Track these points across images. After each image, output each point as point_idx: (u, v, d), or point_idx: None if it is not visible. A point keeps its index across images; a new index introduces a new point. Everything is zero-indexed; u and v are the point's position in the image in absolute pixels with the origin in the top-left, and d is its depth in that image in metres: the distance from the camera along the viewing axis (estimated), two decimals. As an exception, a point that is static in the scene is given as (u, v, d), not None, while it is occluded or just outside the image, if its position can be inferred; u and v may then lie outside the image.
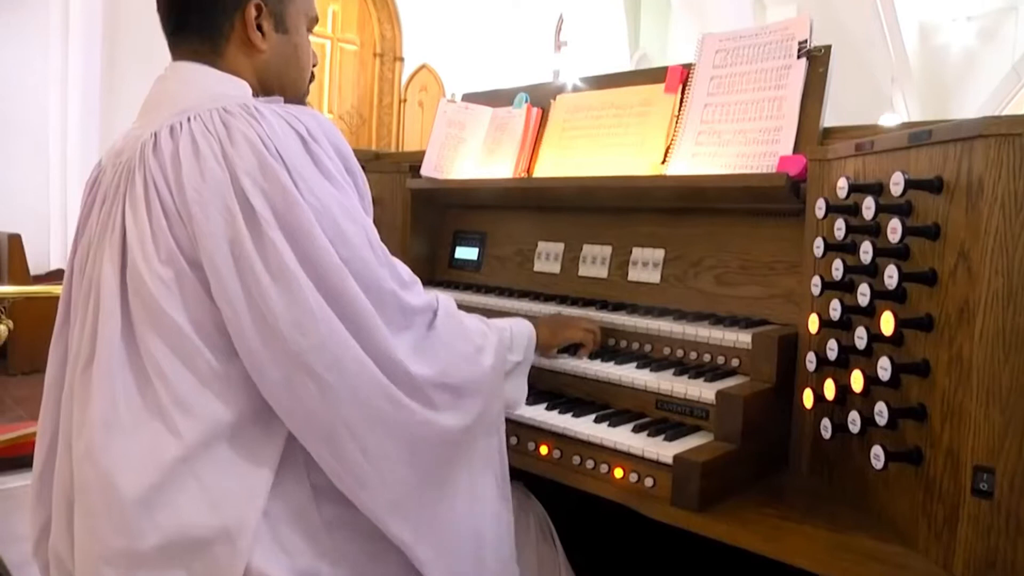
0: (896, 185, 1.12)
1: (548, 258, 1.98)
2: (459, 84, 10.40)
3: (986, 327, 1.01)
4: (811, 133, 1.52)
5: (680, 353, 1.58)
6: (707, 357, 1.54)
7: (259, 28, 1.20)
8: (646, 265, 1.78)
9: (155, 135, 1.08)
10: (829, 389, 1.27)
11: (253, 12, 1.18)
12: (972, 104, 8.69)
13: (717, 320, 1.56)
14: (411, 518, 1.12)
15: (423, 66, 10.63)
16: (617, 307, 1.73)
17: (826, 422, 1.26)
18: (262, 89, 1.24)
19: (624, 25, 9.31)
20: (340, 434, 1.05)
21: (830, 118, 1.55)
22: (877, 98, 8.12)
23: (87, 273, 1.11)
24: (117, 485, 1.00)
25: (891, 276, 1.12)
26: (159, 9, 1.19)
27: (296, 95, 1.31)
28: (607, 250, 1.86)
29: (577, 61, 10.19)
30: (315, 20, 1.31)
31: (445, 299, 1.23)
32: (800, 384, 1.39)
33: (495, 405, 1.27)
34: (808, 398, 1.33)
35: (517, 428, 1.50)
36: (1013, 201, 0.98)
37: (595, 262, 1.87)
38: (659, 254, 1.76)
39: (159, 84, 1.19)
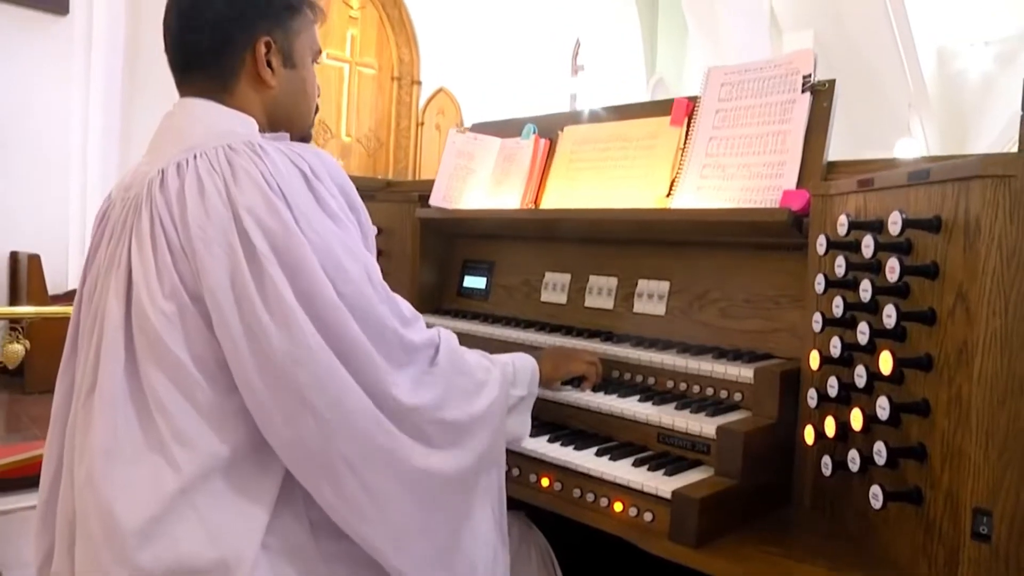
0: (894, 224, 1.12)
1: (555, 288, 1.99)
2: (476, 107, 10.49)
3: (984, 369, 1.00)
4: (815, 167, 1.53)
5: (683, 386, 1.58)
6: (710, 391, 1.54)
7: (268, 64, 1.22)
8: (651, 297, 1.78)
9: (162, 172, 1.10)
10: (830, 426, 1.27)
11: (263, 49, 1.21)
12: (991, 130, 8.65)
13: (721, 354, 1.56)
14: (411, 551, 1.13)
15: (441, 90, 10.74)
16: (621, 339, 1.73)
17: (827, 459, 1.25)
18: (270, 124, 1.26)
19: (641, 50, 9.37)
20: (339, 470, 1.06)
21: (847, 143, 1.56)
22: (894, 123, 8.11)
23: (94, 304, 1.13)
24: (117, 515, 1.01)
25: (889, 315, 1.12)
26: (167, 49, 1.22)
27: (304, 127, 1.34)
28: (613, 281, 1.86)
29: (594, 85, 10.27)
30: (319, 53, 1.34)
31: (447, 335, 1.24)
32: (802, 420, 1.38)
33: (497, 440, 1.28)
34: (810, 435, 1.33)
35: (519, 460, 1.51)
36: (1010, 243, 0.98)
37: (601, 293, 1.88)
38: (664, 286, 1.76)
39: (167, 120, 1.22)
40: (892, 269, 1.12)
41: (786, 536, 1.29)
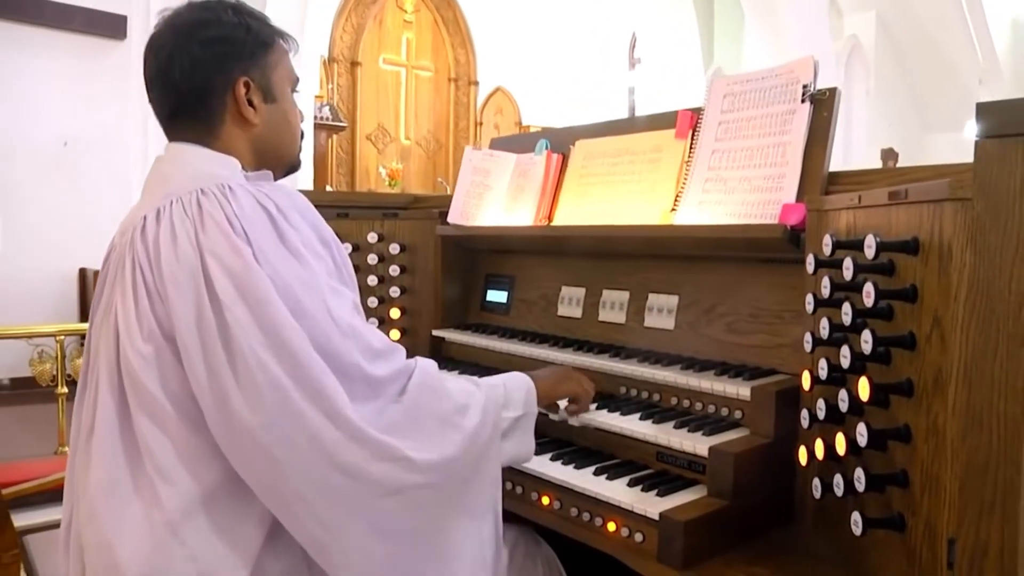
0: (869, 248, 1.10)
1: (570, 303, 2.00)
2: (534, 105, 10.51)
3: (957, 399, 0.98)
4: (815, 180, 1.50)
5: (687, 403, 1.58)
6: (712, 408, 1.53)
7: (250, 103, 1.27)
8: (661, 311, 1.78)
9: (144, 219, 1.17)
10: (819, 448, 1.25)
11: (242, 89, 1.26)
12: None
13: (724, 370, 1.55)
14: None
15: (498, 89, 10.80)
16: (630, 354, 1.74)
17: (817, 482, 1.24)
18: (258, 158, 1.31)
19: (697, 40, 9.21)
20: (295, 508, 1.09)
21: (913, 124, 1.51)
22: (963, 102, 7.73)
23: (93, 346, 1.21)
24: (115, 550, 1.08)
25: (867, 340, 1.10)
26: (151, 99, 1.28)
27: (291, 155, 1.39)
28: (625, 295, 1.87)
29: (651, 78, 10.14)
30: (297, 81, 1.38)
31: (425, 364, 1.25)
32: (799, 440, 1.37)
33: (483, 465, 1.28)
34: (803, 455, 1.31)
35: (522, 478, 1.53)
36: (971, 271, 0.95)
37: (614, 307, 1.89)
38: (673, 300, 1.76)
39: (156, 166, 1.28)
40: (868, 293, 1.10)
41: (777, 558, 1.28)
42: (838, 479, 1.16)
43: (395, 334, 2.27)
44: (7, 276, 5.22)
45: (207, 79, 1.25)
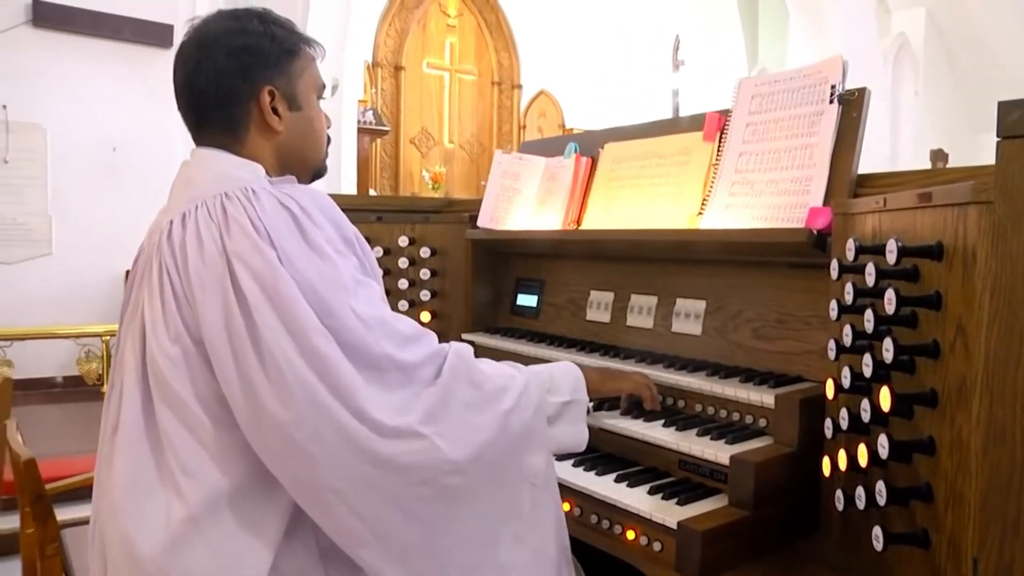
0: (891, 253, 1.06)
1: (599, 307, 1.99)
2: (578, 108, 10.47)
3: (980, 411, 0.94)
4: (842, 183, 1.46)
5: (711, 410, 1.56)
6: (736, 416, 1.51)
7: (275, 111, 1.29)
8: (688, 316, 1.75)
9: (171, 223, 1.19)
10: (842, 459, 1.22)
11: (267, 98, 1.28)
12: None
13: (748, 377, 1.52)
14: (419, 567, 1.15)
15: (541, 92, 10.77)
16: (657, 360, 1.72)
17: (840, 493, 1.21)
18: (282, 165, 1.32)
19: (742, 40, 9.08)
20: (330, 500, 1.11)
21: (962, 123, 1.46)
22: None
23: (120, 347, 1.24)
24: (135, 544, 1.11)
25: (888, 349, 1.07)
26: (179, 107, 1.31)
27: (316, 162, 1.40)
28: (653, 300, 1.85)
29: (695, 79, 10.02)
30: (323, 88, 1.39)
31: (459, 347, 1.24)
32: (824, 449, 1.33)
33: (524, 450, 1.26)
34: (827, 466, 1.28)
35: (543, 484, 1.52)
36: (994, 277, 0.91)
37: (642, 312, 1.87)
38: (700, 305, 1.73)
39: (182, 170, 1.30)
40: (889, 300, 1.06)
41: (798, 571, 1.26)
42: (860, 492, 1.13)
43: (425, 337, 2.28)
44: (59, 277, 5.38)
45: (232, 88, 1.27)
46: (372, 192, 8.53)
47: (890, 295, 1.06)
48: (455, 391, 1.19)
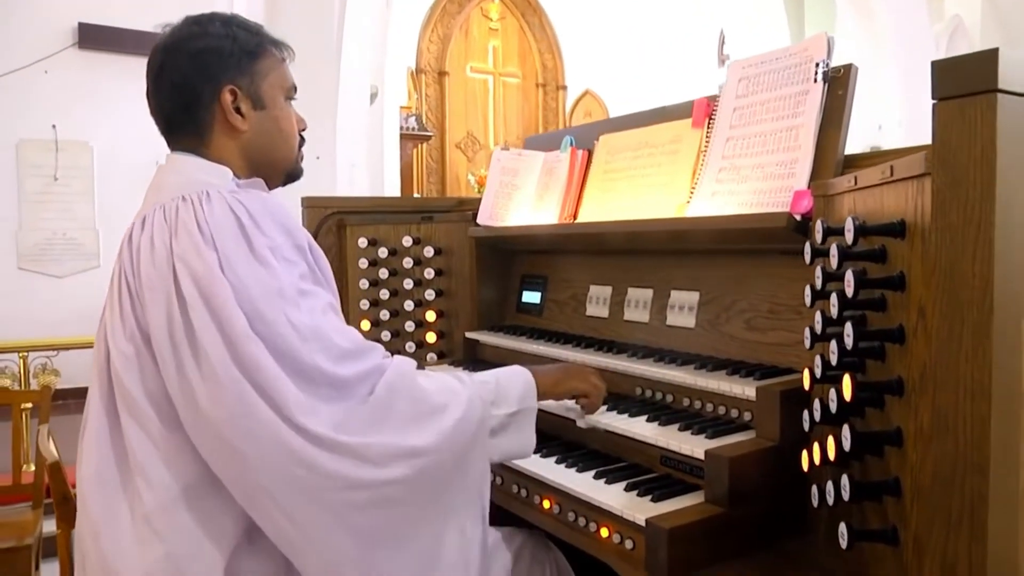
0: (849, 232, 1.00)
1: (598, 302, 1.94)
2: (623, 106, 10.37)
3: (927, 400, 0.88)
4: (828, 164, 1.39)
5: (698, 404, 1.50)
6: (722, 410, 1.45)
7: (238, 110, 1.30)
8: (682, 309, 1.70)
9: (133, 226, 1.21)
10: (816, 453, 1.15)
11: (229, 97, 1.29)
12: None
13: (736, 369, 1.46)
14: None
15: (586, 92, 10.71)
16: (648, 354, 1.67)
17: (815, 489, 1.14)
18: (251, 165, 1.34)
19: (787, 31, 8.84)
20: (263, 501, 1.10)
21: None
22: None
23: (94, 350, 1.26)
24: (101, 539, 1.13)
25: (848, 335, 1.00)
26: (150, 113, 1.33)
27: (287, 162, 1.40)
28: (648, 293, 1.80)
29: (742, 72, 9.81)
30: (292, 89, 1.39)
31: (400, 362, 1.23)
32: (805, 443, 1.27)
33: (464, 464, 1.25)
34: (805, 460, 1.22)
35: (525, 480, 1.50)
36: (931, 254, 0.84)
37: (638, 306, 1.82)
38: (694, 297, 1.68)
39: (155, 175, 1.32)
40: (848, 283, 1.00)
41: (775, 571, 1.19)
42: (829, 487, 1.07)
43: (431, 337, 2.28)
44: (106, 290, 5.55)
45: (194, 90, 1.29)
46: (416, 196, 8.60)
47: (849, 277, 1.00)
48: (392, 406, 1.17)
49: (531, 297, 2.20)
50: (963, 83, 0.74)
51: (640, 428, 1.43)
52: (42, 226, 5.26)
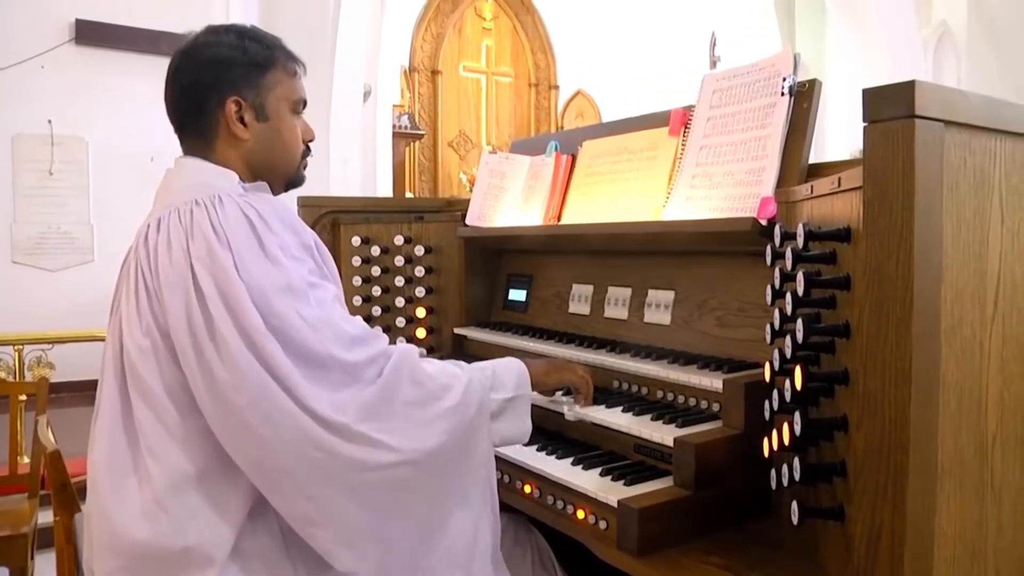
0: (800, 238, 1.10)
1: (580, 300, 2.04)
2: (615, 107, 10.47)
3: (860, 384, 0.98)
4: (793, 172, 1.49)
5: (671, 397, 1.60)
6: (692, 401, 1.55)
7: (242, 120, 1.39)
8: (659, 307, 1.80)
9: (147, 227, 1.30)
10: (775, 439, 1.25)
11: (233, 107, 1.37)
12: None
13: (707, 363, 1.56)
14: (368, 552, 1.24)
15: (578, 92, 10.81)
16: (625, 349, 1.76)
17: (774, 472, 1.24)
18: (253, 173, 1.42)
19: (778, 33, 8.97)
20: (282, 481, 1.20)
21: None
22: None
23: (107, 340, 1.35)
24: (112, 521, 1.22)
25: (799, 330, 1.10)
26: (166, 111, 1.42)
27: (288, 171, 1.49)
28: (627, 292, 1.90)
29: (732, 74, 9.92)
30: (300, 103, 1.47)
31: (404, 348, 1.32)
32: (766, 431, 1.37)
33: (467, 445, 1.34)
34: (766, 446, 1.32)
35: (508, 467, 1.59)
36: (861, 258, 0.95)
37: (618, 304, 1.92)
38: (670, 296, 1.78)
39: (165, 177, 1.41)
40: (799, 283, 1.10)
41: (738, 548, 1.29)
42: (785, 470, 1.16)
43: (421, 332, 2.37)
44: (101, 283, 5.61)
45: (202, 97, 1.38)
46: (409, 195, 8.68)
47: (800, 278, 1.10)
48: (397, 389, 1.27)
49: (517, 295, 2.30)
50: (887, 109, 0.84)
51: (616, 418, 1.53)
52: (37, 220, 5.33)
